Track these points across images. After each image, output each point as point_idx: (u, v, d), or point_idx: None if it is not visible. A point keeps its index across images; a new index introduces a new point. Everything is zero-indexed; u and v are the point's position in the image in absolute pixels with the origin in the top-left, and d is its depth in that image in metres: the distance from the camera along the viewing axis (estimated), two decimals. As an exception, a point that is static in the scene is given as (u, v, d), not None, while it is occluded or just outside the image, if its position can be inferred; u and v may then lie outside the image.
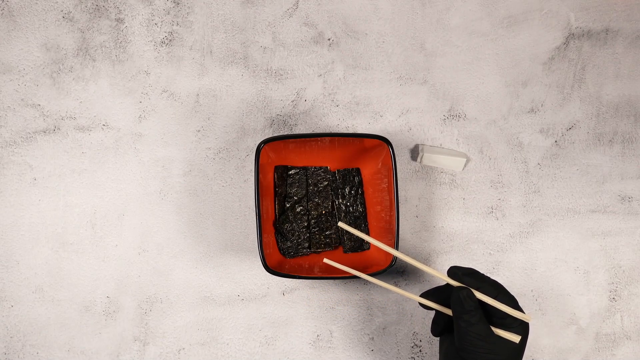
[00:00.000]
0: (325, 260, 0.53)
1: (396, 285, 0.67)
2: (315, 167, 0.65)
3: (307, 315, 0.66)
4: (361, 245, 0.65)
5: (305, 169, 0.65)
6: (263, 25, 0.67)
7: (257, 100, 0.67)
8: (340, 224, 0.52)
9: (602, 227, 0.68)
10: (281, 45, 0.67)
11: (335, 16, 0.67)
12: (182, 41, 0.66)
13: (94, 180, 0.66)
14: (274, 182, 0.65)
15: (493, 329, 0.50)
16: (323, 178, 0.65)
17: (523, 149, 0.68)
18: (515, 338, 0.50)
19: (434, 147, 0.67)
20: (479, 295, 0.50)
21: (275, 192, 0.65)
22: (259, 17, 0.67)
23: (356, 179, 0.65)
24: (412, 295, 0.52)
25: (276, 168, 0.65)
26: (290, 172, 0.65)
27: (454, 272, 0.51)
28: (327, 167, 0.65)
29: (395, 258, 0.59)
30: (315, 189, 0.65)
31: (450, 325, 0.54)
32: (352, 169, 0.65)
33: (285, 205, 0.65)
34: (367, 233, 0.65)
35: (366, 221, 0.65)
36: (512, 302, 0.51)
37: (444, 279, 0.51)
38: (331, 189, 0.65)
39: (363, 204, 0.65)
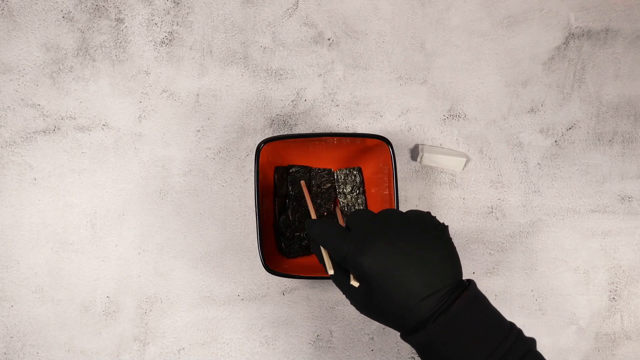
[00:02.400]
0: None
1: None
2: (319, 169, 0.65)
3: (307, 315, 0.66)
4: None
5: (306, 167, 0.65)
6: (263, 25, 0.67)
7: (257, 100, 0.67)
8: (302, 182, 0.54)
9: (602, 227, 0.68)
10: (281, 45, 0.67)
11: (335, 16, 0.67)
12: (182, 41, 0.66)
13: (94, 180, 0.65)
14: (274, 182, 0.65)
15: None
16: (327, 180, 0.65)
17: (523, 149, 0.68)
18: (354, 283, 0.46)
19: (434, 147, 0.67)
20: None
21: (276, 192, 0.65)
22: (259, 17, 0.67)
23: (357, 178, 0.65)
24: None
25: (276, 169, 0.65)
26: (291, 170, 0.65)
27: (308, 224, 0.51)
28: (330, 170, 0.65)
29: None
30: (319, 190, 0.65)
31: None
32: (354, 168, 0.65)
33: (285, 205, 0.65)
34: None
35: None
36: (331, 230, 0.47)
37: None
38: (334, 191, 0.65)
39: (364, 203, 0.65)
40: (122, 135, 0.66)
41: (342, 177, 0.65)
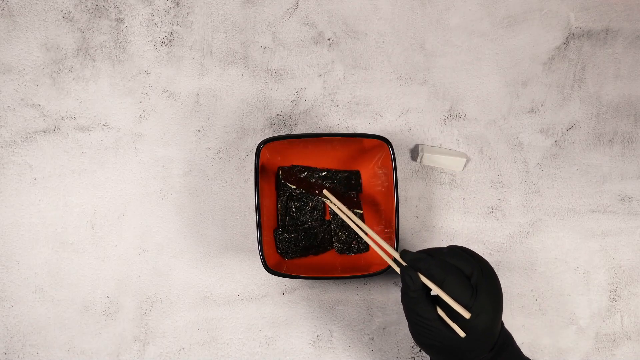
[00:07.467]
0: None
1: (395, 284, 0.67)
2: (321, 173, 0.65)
3: (307, 315, 0.66)
4: (364, 247, 0.65)
5: (308, 168, 0.65)
6: (263, 25, 0.67)
7: (257, 100, 0.67)
8: (325, 191, 0.56)
9: (602, 227, 0.68)
10: (281, 45, 0.67)
11: (335, 16, 0.67)
12: (182, 41, 0.66)
13: (94, 180, 0.66)
14: (276, 183, 0.64)
15: (444, 316, 0.49)
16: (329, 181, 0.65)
17: (523, 149, 0.68)
18: (460, 332, 0.47)
19: (434, 147, 0.67)
20: (425, 279, 0.49)
21: (278, 193, 0.65)
22: (259, 17, 0.67)
23: (356, 179, 0.65)
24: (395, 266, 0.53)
25: (281, 168, 0.65)
26: (294, 171, 0.65)
27: (403, 255, 0.51)
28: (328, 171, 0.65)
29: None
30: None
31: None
32: (353, 171, 0.65)
33: (287, 206, 0.65)
34: (366, 234, 0.65)
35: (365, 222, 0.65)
36: (461, 289, 0.48)
37: (398, 264, 0.52)
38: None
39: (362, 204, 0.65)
40: (122, 135, 0.66)
41: (341, 179, 0.65)
